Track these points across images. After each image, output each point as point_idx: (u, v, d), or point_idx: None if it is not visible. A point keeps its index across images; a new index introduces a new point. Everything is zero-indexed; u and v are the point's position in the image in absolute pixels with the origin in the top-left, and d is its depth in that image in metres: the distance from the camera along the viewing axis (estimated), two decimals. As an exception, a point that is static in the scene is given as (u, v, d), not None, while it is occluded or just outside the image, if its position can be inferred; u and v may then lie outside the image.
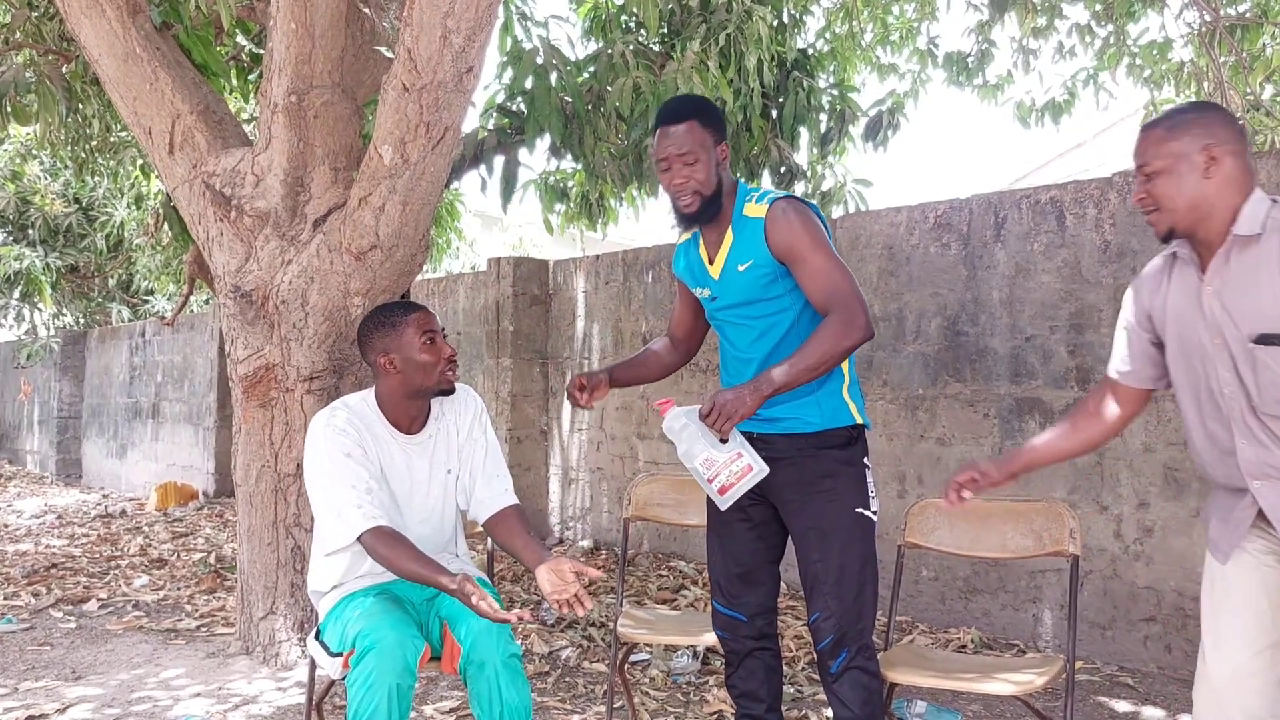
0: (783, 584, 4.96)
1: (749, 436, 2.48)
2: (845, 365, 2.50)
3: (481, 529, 2.77)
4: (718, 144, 2.50)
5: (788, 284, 2.45)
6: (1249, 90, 6.80)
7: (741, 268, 2.47)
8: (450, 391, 2.61)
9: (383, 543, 2.36)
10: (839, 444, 2.47)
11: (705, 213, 2.50)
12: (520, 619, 2.24)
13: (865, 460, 2.50)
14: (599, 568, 6.04)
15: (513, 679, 2.38)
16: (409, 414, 2.62)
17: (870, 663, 2.43)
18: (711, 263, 2.56)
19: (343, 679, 2.38)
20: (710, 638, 3.06)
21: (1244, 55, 6.28)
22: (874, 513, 2.48)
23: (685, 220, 2.54)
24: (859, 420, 2.51)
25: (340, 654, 2.42)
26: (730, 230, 2.50)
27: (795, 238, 2.40)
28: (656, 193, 5.73)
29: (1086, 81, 7.06)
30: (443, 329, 2.64)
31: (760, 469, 2.32)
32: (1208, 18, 6.18)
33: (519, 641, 4.19)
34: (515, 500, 2.71)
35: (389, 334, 2.57)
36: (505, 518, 2.65)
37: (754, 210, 2.46)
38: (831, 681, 2.42)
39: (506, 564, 6.06)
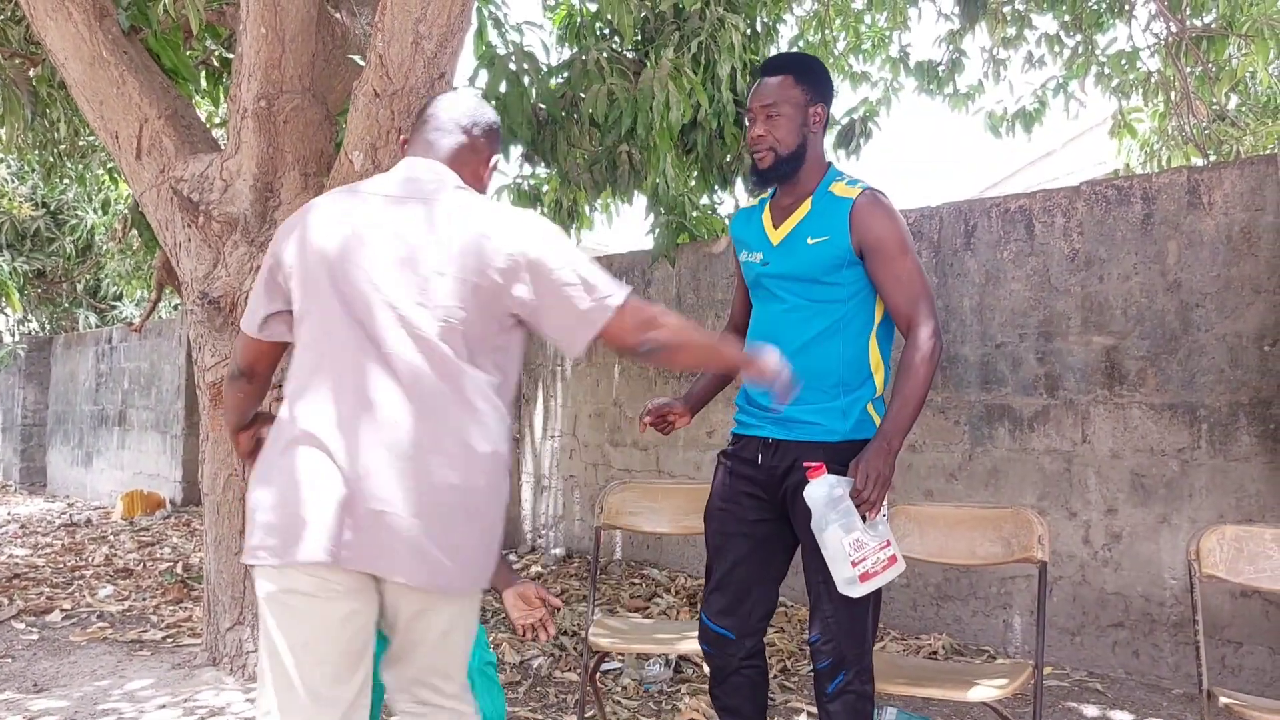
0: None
1: (764, 441, 2.40)
2: (880, 375, 2.40)
3: None
4: (812, 105, 2.40)
5: (852, 275, 2.35)
6: (1214, 100, 6.89)
7: (813, 241, 2.36)
8: None
9: None
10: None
11: (778, 170, 2.41)
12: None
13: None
14: (571, 575, 6.02)
15: (488, 687, 2.37)
16: None
17: (866, 685, 2.35)
18: (776, 228, 2.45)
19: None
20: (684, 646, 3.06)
21: (1210, 66, 6.37)
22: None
23: (757, 176, 2.46)
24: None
25: None
26: (809, 202, 2.40)
27: (888, 233, 2.32)
28: (631, 199, 5.73)
29: (1056, 90, 7.13)
30: None
31: (902, 564, 2.22)
32: (1174, 29, 6.26)
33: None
34: None
35: None
36: None
37: (843, 190, 2.38)
38: (825, 701, 2.34)
39: (478, 572, 6.01)
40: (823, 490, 2.17)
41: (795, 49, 6.54)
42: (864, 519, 2.16)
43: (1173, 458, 4.04)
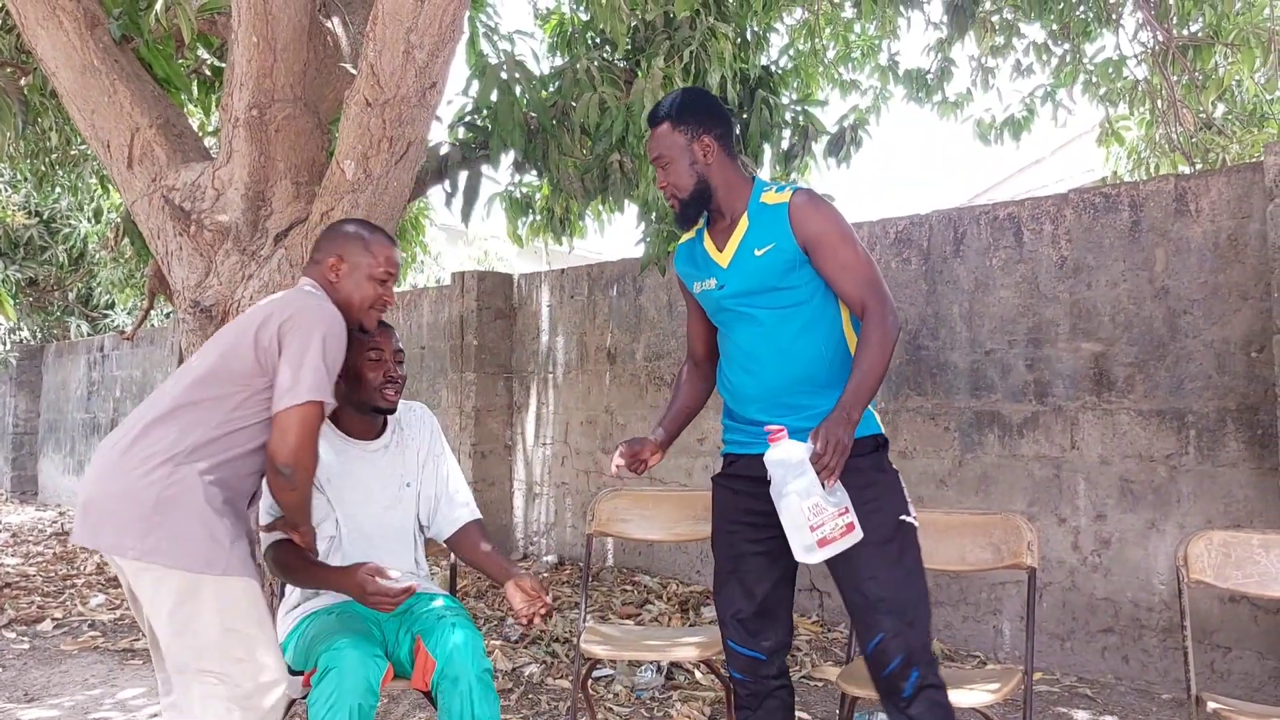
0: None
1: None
2: None
3: (444, 545, 2.79)
4: (695, 141, 2.42)
5: (807, 274, 2.36)
6: (1201, 109, 6.94)
7: (759, 252, 2.36)
8: (386, 410, 2.67)
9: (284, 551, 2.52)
10: (867, 452, 2.35)
11: (687, 212, 2.45)
12: (411, 591, 2.36)
13: (894, 466, 2.40)
14: (563, 582, 6.02)
15: (485, 694, 2.40)
16: (359, 425, 2.70)
17: (939, 678, 2.26)
18: (720, 251, 2.45)
19: (304, 698, 2.36)
20: (676, 652, 3.07)
21: (1196, 74, 6.41)
22: (914, 518, 2.37)
23: (676, 219, 2.52)
24: (881, 429, 2.43)
25: (302, 672, 2.40)
26: (745, 218, 2.42)
27: (826, 226, 2.33)
28: (622, 207, 5.74)
29: (1044, 98, 7.17)
30: (398, 350, 2.69)
31: (859, 533, 2.18)
32: (1161, 38, 6.30)
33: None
34: (478, 515, 2.77)
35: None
36: (468, 534, 2.71)
37: (775, 198, 2.40)
38: (905, 706, 2.22)
39: (470, 580, 6.02)
40: (783, 454, 2.16)
41: (787, 57, 6.57)
42: (823, 486, 2.15)
43: (1161, 464, 4.07)
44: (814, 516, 2.14)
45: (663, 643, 3.13)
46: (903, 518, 2.32)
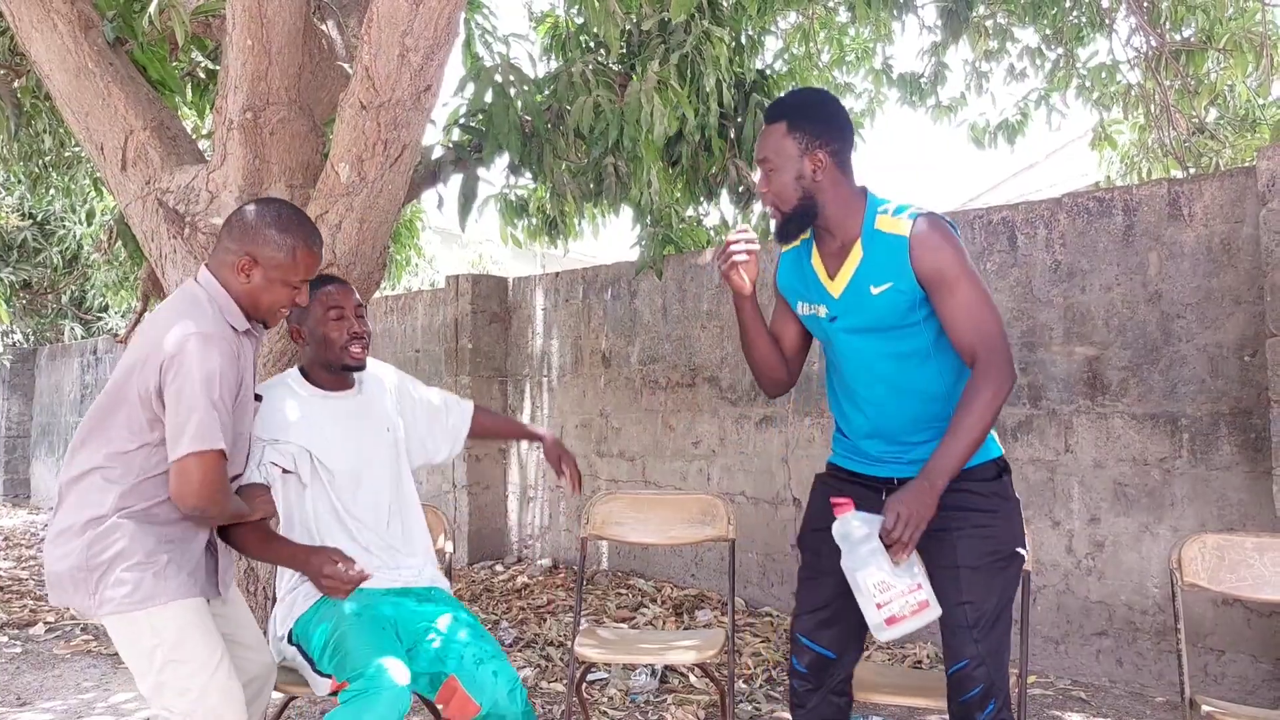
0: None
1: (891, 483, 2.24)
2: None
3: (469, 445, 2.98)
4: (809, 153, 2.20)
5: (925, 310, 2.18)
6: (1194, 114, 6.96)
7: (876, 290, 2.18)
8: (355, 368, 2.69)
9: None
10: (991, 477, 2.23)
11: (787, 228, 2.26)
12: (364, 578, 2.33)
13: (1017, 494, 2.29)
14: (558, 586, 6.02)
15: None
16: (332, 381, 2.71)
17: (1011, 712, 2.19)
18: (832, 278, 2.26)
19: (330, 694, 2.35)
20: (671, 656, 3.07)
21: (1189, 79, 6.43)
22: (1027, 550, 2.27)
23: (776, 235, 2.32)
24: (1002, 451, 2.30)
25: (329, 676, 2.38)
26: (859, 246, 2.21)
27: (945, 262, 2.13)
28: (617, 210, 5.75)
29: (1038, 103, 7.20)
30: (359, 304, 2.70)
31: (936, 609, 2.06)
32: (1154, 43, 6.33)
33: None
34: (472, 402, 3.01)
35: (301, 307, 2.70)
36: (480, 417, 2.99)
37: (892, 226, 2.18)
38: None
39: (464, 583, 6.02)
40: (848, 530, 2.07)
41: (782, 61, 6.58)
42: (894, 563, 2.03)
43: (1155, 467, 4.08)
44: (880, 594, 2.03)
45: (657, 646, 3.12)
46: (1018, 549, 2.22)
